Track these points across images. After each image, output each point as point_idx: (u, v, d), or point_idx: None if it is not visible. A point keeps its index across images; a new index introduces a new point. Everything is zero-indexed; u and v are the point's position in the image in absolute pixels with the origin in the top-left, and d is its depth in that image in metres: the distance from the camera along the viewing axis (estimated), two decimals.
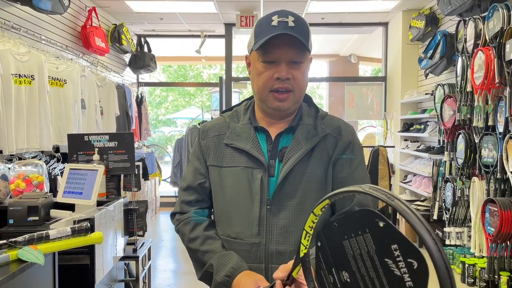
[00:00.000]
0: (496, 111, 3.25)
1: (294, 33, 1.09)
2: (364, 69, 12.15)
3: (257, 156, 1.15)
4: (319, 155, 1.17)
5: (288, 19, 1.11)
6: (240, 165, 1.17)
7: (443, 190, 4.13)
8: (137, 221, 2.62)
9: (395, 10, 5.84)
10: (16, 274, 1.22)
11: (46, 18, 4.08)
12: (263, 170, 1.14)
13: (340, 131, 1.21)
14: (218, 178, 1.21)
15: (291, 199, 1.12)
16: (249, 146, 1.17)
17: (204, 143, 1.26)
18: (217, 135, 1.24)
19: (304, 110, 1.25)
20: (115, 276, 2.45)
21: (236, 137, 1.20)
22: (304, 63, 1.15)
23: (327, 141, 1.19)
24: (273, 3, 5.44)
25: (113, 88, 5.06)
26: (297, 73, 1.14)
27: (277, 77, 1.13)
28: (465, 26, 3.79)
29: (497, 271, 3.16)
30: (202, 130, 1.29)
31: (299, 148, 1.15)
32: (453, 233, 3.87)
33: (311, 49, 1.18)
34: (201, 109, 8.80)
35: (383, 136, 6.61)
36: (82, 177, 2.10)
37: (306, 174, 1.14)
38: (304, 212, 1.12)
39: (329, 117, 1.26)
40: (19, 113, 3.23)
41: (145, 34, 6.91)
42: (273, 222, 1.12)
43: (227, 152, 1.20)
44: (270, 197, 1.12)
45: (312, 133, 1.19)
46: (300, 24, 1.12)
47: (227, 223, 1.19)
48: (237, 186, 1.16)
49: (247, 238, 1.14)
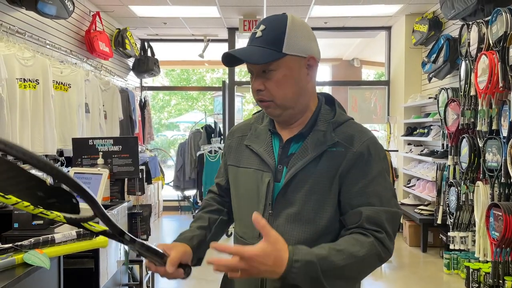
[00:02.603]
0: (500, 115, 3.25)
1: (257, 44, 1.09)
2: (367, 73, 12.16)
3: (266, 160, 1.16)
4: (326, 164, 1.11)
5: (258, 30, 1.11)
6: (253, 167, 1.18)
7: (447, 194, 4.12)
8: (141, 225, 2.62)
9: (398, 14, 5.85)
10: (22, 277, 1.22)
11: (51, 23, 4.10)
12: (271, 174, 1.14)
13: (352, 141, 1.12)
14: (235, 177, 1.24)
15: (290, 206, 1.12)
16: (263, 149, 1.18)
17: (228, 143, 1.30)
18: (241, 135, 1.27)
19: (322, 115, 1.17)
20: (119, 280, 2.45)
21: (255, 139, 1.22)
22: (278, 70, 1.09)
23: (337, 150, 1.12)
24: (276, 8, 5.46)
25: (117, 92, 5.08)
26: (268, 83, 1.11)
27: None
28: (469, 30, 3.79)
29: (502, 276, 3.14)
30: (230, 131, 1.33)
31: (305, 155, 1.12)
32: (458, 237, 3.85)
33: (294, 51, 1.09)
34: (204, 113, 8.82)
35: (387, 140, 6.61)
36: (86, 181, 2.11)
37: (309, 183, 1.11)
38: (299, 221, 1.11)
39: (347, 123, 1.16)
40: (24, 117, 3.24)
41: (149, 39, 6.93)
42: (274, 226, 1.11)
43: (245, 153, 1.22)
44: (273, 202, 1.13)
45: (321, 140, 1.13)
46: (270, 31, 1.09)
47: (238, 222, 1.24)
48: (248, 187, 1.18)
49: (249, 239, 1.16)
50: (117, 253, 2.27)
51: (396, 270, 4.37)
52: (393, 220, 1.10)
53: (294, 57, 1.10)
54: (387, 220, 1.08)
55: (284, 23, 1.10)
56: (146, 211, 2.71)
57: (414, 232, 5.03)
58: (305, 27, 1.13)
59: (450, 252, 4.10)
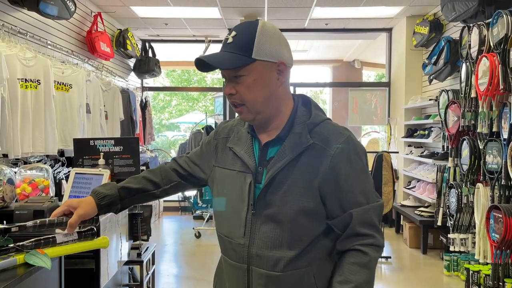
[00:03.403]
0: (500, 117, 3.25)
1: (228, 49, 1.12)
2: (367, 74, 12.16)
3: (247, 162, 1.19)
4: (304, 166, 1.13)
5: (230, 35, 1.13)
6: (236, 169, 1.21)
7: (447, 196, 4.12)
8: (142, 226, 2.63)
9: (399, 16, 5.86)
10: (23, 278, 1.23)
11: (52, 23, 4.11)
12: (251, 176, 1.18)
13: (329, 142, 1.14)
14: (220, 179, 1.26)
15: (270, 207, 1.14)
16: (244, 152, 1.21)
17: (215, 143, 1.32)
18: (226, 137, 1.29)
19: (298, 117, 1.19)
20: (120, 280, 2.45)
21: (237, 141, 1.25)
22: (248, 75, 1.12)
23: (314, 151, 1.13)
24: (277, 9, 5.46)
25: (118, 93, 5.09)
26: (239, 87, 1.13)
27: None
28: (469, 32, 3.80)
29: (502, 278, 3.14)
30: (216, 129, 1.35)
31: (283, 158, 1.14)
32: (458, 239, 3.85)
33: (264, 57, 1.11)
34: (204, 114, 8.82)
35: (387, 142, 6.61)
36: (87, 181, 2.12)
37: (287, 184, 1.13)
38: (279, 222, 1.13)
39: (322, 124, 1.18)
40: (25, 117, 3.25)
41: (150, 39, 6.95)
42: (256, 227, 1.16)
43: (229, 155, 1.25)
44: (254, 202, 1.16)
45: (297, 143, 1.14)
46: (241, 37, 1.12)
47: (222, 222, 1.26)
48: (232, 189, 1.21)
49: (235, 238, 1.19)
50: (117, 254, 2.27)
51: (396, 272, 4.37)
52: (380, 213, 1.17)
53: (264, 62, 1.12)
54: (375, 216, 1.15)
55: (254, 29, 1.12)
56: (146, 212, 2.72)
57: (414, 233, 5.03)
58: (276, 33, 1.15)
59: (450, 254, 4.10)
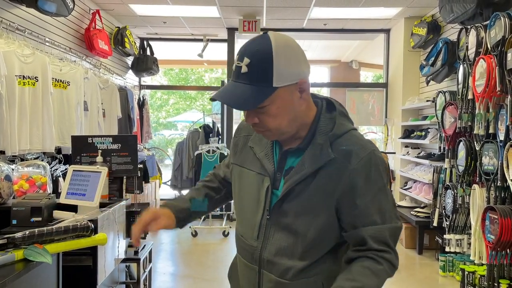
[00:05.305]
0: (497, 119, 3.27)
1: (244, 80, 1.02)
2: (365, 75, 12.18)
3: (265, 166, 1.17)
4: (322, 181, 1.09)
5: (242, 63, 1.02)
6: (255, 170, 1.19)
7: (444, 197, 4.13)
8: None
9: (397, 17, 5.87)
10: (21, 273, 1.23)
11: (51, 20, 4.10)
12: (269, 180, 1.15)
13: (350, 157, 1.08)
14: (239, 177, 1.25)
15: (285, 217, 1.13)
16: (263, 154, 1.18)
17: (235, 141, 1.31)
18: (247, 135, 1.26)
19: (320, 127, 1.13)
20: (117, 278, 2.45)
21: (258, 141, 1.21)
22: (271, 104, 1.04)
23: (334, 166, 1.08)
24: (276, 9, 5.46)
25: (116, 91, 5.08)
26: (263, 117, 1.07)
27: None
28: (467, 34, 3.81)
29: (497, 279, 3.16)
30: (238, 127, 1.33)
31: (302, 170, 1.11)
32: (453, 240, 3.87)
33: (285, 82, 1.03)
34: (202, 113, 8.81)
35: (384, 142, 6.63)
36: (85, 178, 2.11)
37: (304, 197, 1.10)
38: (290, 232, 1.12)
39: (346, 136, 1.12)
40: (22, 114, 3.24)
41: (148, 37, 6.93)
42: (270, 233, 1.15)
43: (250, 155, 1.22)
44: (270, 208, 1.15)
45: (318, 156, 1.09)
46: (256, 64, 1.01)
47: (240, 221, 1.26)
48: (250, 189, 1.20)
49: (248, 239, 1.19)
50: (114, 251, 2.27)
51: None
52: (396, 235, 1.12)
53: (286, 87, 1.04)
54: (390, 237, 1.10)
55: (269, 52, 1.01)
56: (144, 210, 2.71)
57: (410, 234, 5.04)
58: (290, 49, 1.05)
59: (446, 255, 4.12)
